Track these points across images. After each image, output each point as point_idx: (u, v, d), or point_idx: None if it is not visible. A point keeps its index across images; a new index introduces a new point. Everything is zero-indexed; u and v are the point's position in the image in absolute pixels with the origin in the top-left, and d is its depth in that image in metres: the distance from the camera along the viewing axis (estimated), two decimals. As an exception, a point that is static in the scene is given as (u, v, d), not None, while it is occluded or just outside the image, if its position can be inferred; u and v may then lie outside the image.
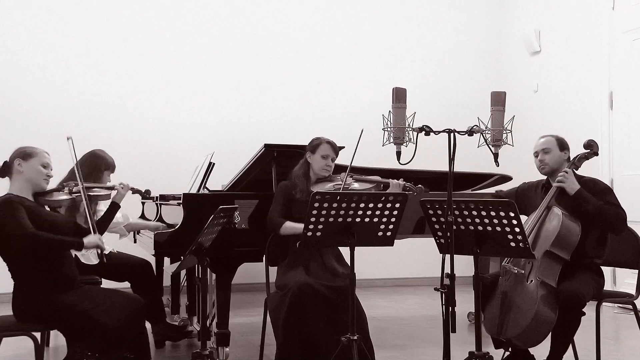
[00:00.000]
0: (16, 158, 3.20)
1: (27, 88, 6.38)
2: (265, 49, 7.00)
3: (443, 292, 2.91)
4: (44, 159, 3.25)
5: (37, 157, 3.22)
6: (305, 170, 3.85)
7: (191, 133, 6.75)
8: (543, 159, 3.59)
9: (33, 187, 3.23)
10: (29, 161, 3.20)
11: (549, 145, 3.59)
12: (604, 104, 6.16)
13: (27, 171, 3.19)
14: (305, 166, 3.86)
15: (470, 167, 4.93)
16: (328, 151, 3.82)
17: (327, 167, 3.84)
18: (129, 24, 6.68)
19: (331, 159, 3.84)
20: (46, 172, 3.25)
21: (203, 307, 3.26)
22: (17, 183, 3.21)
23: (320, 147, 3.83)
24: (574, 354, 3.58)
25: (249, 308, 5.79)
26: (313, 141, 3.88)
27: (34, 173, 3.21)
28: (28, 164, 3.20)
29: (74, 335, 3.15)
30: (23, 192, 3.19)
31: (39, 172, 3.22)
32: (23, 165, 3.19)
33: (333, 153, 3.84)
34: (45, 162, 3.25)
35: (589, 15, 6.36)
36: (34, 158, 3.21)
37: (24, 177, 3.20)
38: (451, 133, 2.88)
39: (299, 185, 3.78)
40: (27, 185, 3.21)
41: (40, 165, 3.22)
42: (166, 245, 3.83)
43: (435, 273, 3.04)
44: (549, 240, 3.34)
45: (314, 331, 3.36)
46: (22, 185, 3.20)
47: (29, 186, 3.21)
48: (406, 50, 7.41)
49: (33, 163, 3.21)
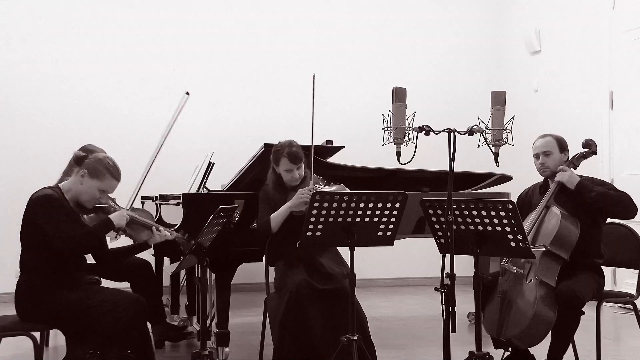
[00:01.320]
0: (86, 168, 3.13)
1: (30, 89, 6.37)
2: (266, 48, 7.00)
3: (443, 292, 2.91)
4: (107, 186, 3.17)
5: (102, 181, 3.15)
6: (275, 178, 3.73)
7: (191, 133, 6.73)
8: (544, 162, 3.56)
9: (80, 201, 3.19)
10: (92, 180, 3.14)
11: (549, 147, 3.56)
12: (604, 103, 6.16)
13: (84, 187, 3.14)
14: (276, 174, 3.74)
15: (471, 167, 4.93)
16: (288, 166, 3.65)
17: (293, 179, 3.68)
18: (129, 25, 6.67)
19: (296, 169, 3.66)
20: (100, 197, 3.18)
21: (203, 307, 3.26)
22: (71, 185, 3.18)
23: (281, 162, 3.66)
24: (574, 354, 3.58)
25: (248, 308, 5.79)
26: (274, 152, 3.71)
27: (88, 194, 3.15)
28: (90, 181, 3.14)
29: (76, 334, 3.15)
30: (69, 195, 3.17)
31: (93, 195, 3.16)
32: (85, 179, 3.14)
33: (295, 164, 3.65)
34: (105, 189, 3.17)
35: (590, 15, 6.35)
36: (98, 181, 3.14)
37: (78, 188, 3.16)
38: (451, 133, 2.88)
39: (274, 199, 3.68)
40: (76, 195, 3.17)
41: (97, 190, 3.15)
42: (166, 245, 3.82)
43: (435, 273, 3.04)
44: (547, 239, 3.33)
45: (312, 331, 3.36)
46: (72, 190, 3.17)
47: (77, 197, 3.18)
48: (406, 49, 7.40)
49: (93, 184, 3.14)
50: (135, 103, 6.67)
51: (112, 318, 3.01)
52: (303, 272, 3.51)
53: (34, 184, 3.31)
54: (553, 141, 3.58)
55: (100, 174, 3.15)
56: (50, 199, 3.05)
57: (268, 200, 3.72)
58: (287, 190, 3.73)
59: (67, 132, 6.20)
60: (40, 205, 3.04)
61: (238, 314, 5.44)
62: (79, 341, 3.24)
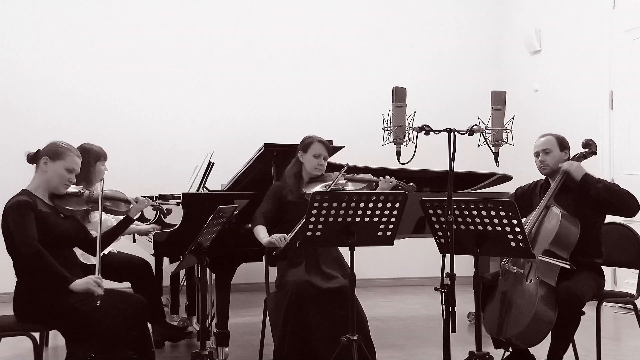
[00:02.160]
0: (45, 155, 3.13)
1: (29, 87, 6.37)
2: (265, 48, 6.99)
3: (443, 292, 2.91)
4: (72, 163, 3.16)
5: (65, 160, 3.14)
6: (297, 169, 3.79)
7: (190, 132, 6.74)
8: (544, 160, 3.57)
9: (50, 190, 3.18)
10: (56, 162, 3.12)
11: (549, 145, 3.57)
12: (604, 103, 6.15)
13: (50, 172, 3.13)
14: (298, 165, 3.80)
15: (471, 167, 4.92)
16: (320, 150, 3.75)
17: (319, 166, 3.76)
18: (129, 25, 6.66)
19: (323, 157, 3.76)
20: (68, 177, 3.16)
21: (202, 307, 3.25)
22: (37, 180, 3.16)
23: (312, 146, 3.75)
24: (574, 354, 3.57)
25: (248, 308, 5.79)
26: (305, 140, 3.81)
27: (56, 177, 3.13)
28: (54, 165, 3.12)
29: (76, 335, 3.14)
30: (40, 192, 3.15)
31: (62, 176, 3.14)
32: (49, 164, 3.12)
33: (325, 152, 3.76)
34: (71, 167, 3.16)
35: (590, 15, 6.35)
36: (62, 160, 3.13)
37: (45, 177, 3.14)
38: (451, 132, 2.88)
39: (290, 185, 3.73)
40: (45, 186, 3.16)
41: (64, 170, 3.14)
42: (165, 245, 3.83)
43: (435, 273, 3.03)
44: (547, 239, 3.33)
45: (312, 331, 3.36)
46: (40, 184, 3.15)
47: (47, 187, 3.16)
48: (406, 49, 7.40)
49: (58, 165, 3.13)
50: (136, 103, 6.66)
51: (112, 319, 3.01)
52: (303, 272, 3.51)
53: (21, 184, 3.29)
54: (553, 139, 3.58)
55: (60, 153, 3.14)
56: (19, 204, 3.02)
57: (276, 196, 3.73)
58: (303, 183, 3.75)
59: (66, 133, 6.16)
60: (11, 212, 3.02)
61: (238, 314, 5.44)
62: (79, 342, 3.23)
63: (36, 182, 3.17)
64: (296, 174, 3.78)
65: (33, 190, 3.15)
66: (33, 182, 3.18)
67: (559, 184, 3.48)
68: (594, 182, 3.39)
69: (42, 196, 3.15)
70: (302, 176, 3.79)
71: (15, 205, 3.02)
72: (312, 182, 3.77)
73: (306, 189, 3.67)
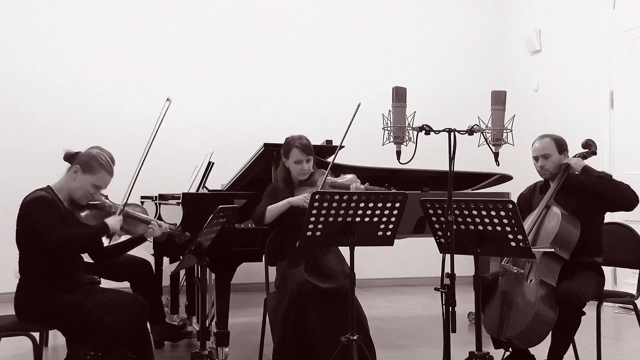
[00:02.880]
0: (78, 164, 3.12)
1: (27, 88, 6.36)
2: (265, 48, 6.99)
3: (443, 292, 2.91)
4: (100, 181, 3.15)
5: (96, 176, 3.13)
6: (285, 174, 3.75)
7: (190, 132, 6.73)
8: (544, 165, 3.55)
9: (73, 198, 3.17)
10: (86, 176, 3.12)
11: (548, 150, 3.55)
12: (604, 103, 6.15)
13: (77, 182, 3.12)
14: (285, 170, 3.76)
15: (471, 167, 4.92)
16: (300, 156, 3.67)
17: (303, 171, 3.70)
18: (128, 25, 6.66)
19: (306, 160, 3.69)
20: (93, 192, 3.16)
21: (202, 307, 3.24)
22: (63, 183, 3.16)
23: (292, 153, 3.68)
24: (574, 354, 3.57)
25: (248, 308, 5.79)
26: (284, 145, 3.74)
27: (81, 189, 3.13)
28: (83, 177, 3.12)
29: (76, 335, 3.14)
30: (62, 194, 3.15)
31: (86, 190, 3.14)
32: (78, 174, 3.11)
33: (306, 156, 3.68)
34: (99, 184, 3.15)
35: (590, 14, 6.34)
36: (92, 176, 3.12)
37: (71, 185, 3.13)
38: (451, 132, 2.87)
39: (282, 192, 3.70)
40: (69, 192, 3.15)
41: (91, 185, 3.13)
42: (165, 245, 3.82)
43: (435, 273, 3.03)
44: (548, 239, 3.33)
45: (312, 331, 3.36)
46: (65, 188, 3.15)
47: (71, 194, 3.16)
48: (406, 49, 7.39)
49: (87, 179, 3.12)
50: (136, 103, 6.65)
51: (111, 319, 3.01)
52: (303, 272, 3.51)
53: (32, 184, 3.29)
54: (551, 142, 3.56)
55: (93, 168, 3.13)
56: (42, 200, 3.03)
57: (275, 194, 3.72)
58: (294, 186, 3.73)
59: (66, 132, 6.19)
60: (33, 206, 3.02)
61: (238, 313, 5.44)
62: (80, 342, 3.23)
63: (62, 184, 3.17)
64: (285, 179, 3.75)
65: (57, 190, 3.15)
66: (60, 182, 3.18)
67: (559, 184, 3.48)
68: (593, 173, 3.39)
69: (62, 199, 3.15)
70: (292, 180, 3.75)
71: (38, 199, 3.02)
72: (302, 185, 3.73)
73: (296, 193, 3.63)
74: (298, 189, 3.72)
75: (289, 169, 3.75)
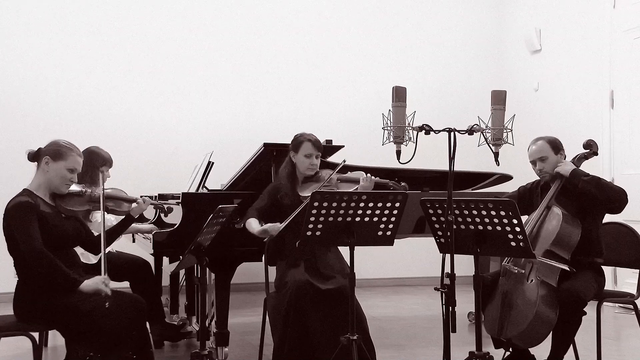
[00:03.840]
0: (46, 155, 3.11)
1: (30, 88, 6.36)
2: (265, 48, 6.98)
3: (443, 291, 2.91)
4: (73, 163, 3.14)
5: (66, 160, 3.12)
6: (290, 170, 3.74)
7: (190, 132, 6.74)
8: (542, 168, 3.54)
9: (52, 190, 3.16)
10: (57, 162, 3.11)
11: (544, 152, 3.53)
12: (604, 102, 6.15)
13: (51, 172, 3.11)
14: (290, 166, 3.75)
15: (471, 167, 4.91)
16: (311, 150, 3.68)
17: (311, 165, 3.70)
18: (129, 25, 6.66)
19: (315, 156, 3.70)
20: (70, 177, 3.15)
21: (202, 307, 3.24)
22: (38, 180, 3.15)
23: (303, 146, 3.69)
24: (574, 354, 3.57)
25: (248, 308, 5.78)
26: (295, 139, 3.75)
27: (57, 177, 3.12)
28: (55, 165, 3.11)
29: (76, 335, 3.14)
30: (41, 191, 3.14)
31: (63, 177, 3.13)
32: (50, 165, 3.11)
33: (316, 151, 3.69)
34: (73, 167, 3.14)
35: (590, 14, 6.34)
36: (63, 161, 3.12)
37: (46, 177, 3.13)
38: (451, 132, 2.87)
39: (285, 188, 3.70)
40: (47, 186, 3.15)
41: (66, 170, 3.13)
42: (165, 244, 3.82)
43: (436, 273, 3.03)
44: (549, 239, 3.32)
45: (312, 331, 3.35)
46: (41, 184, 3.14)
47: (49, 187, 3.15)
48: (406, 48, 7.39)
49: (60, 166, 3.11)
50: (136, 103, 6.65)
51: (111, 319, 3.00)
52: (303, 272, 3.50)
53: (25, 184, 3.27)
54: (546, 145, 3.54)
55: (62, 154, 3.12)
56: (20, 206, 3.01)
57: (275, 194, 3.71)
58: (297, 182, 3.73)
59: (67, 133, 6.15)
60: (12, 214, 3.01)
61: (238, 313, 5.44)
62: (79, 342, 3.22)
63: (37, 181, 3.15)
64: (289, 174, 3.74)
65: (34, 189, 3.13)
66: (34, 181, 3.16)
67: (559, 184, 3.47)
68: (581, 176, 3.38)
69: (43, 196, 3.14)
70: (296, 176, 3.75)
71: (17, 206, 3.01)
72: (306, 182, 3.73)
73: (302, 192, 3.63)
74: (302, 185, 3.71)
75: (295, 165, 3.74)
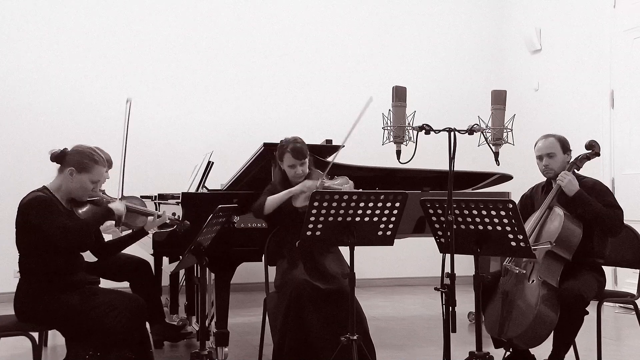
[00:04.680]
0: (71, 166, 3.08)
1: (28, 87, 6.36)
2: (265, 47, 6.98)
3: (443, 291, 2.90)
4: (98, 175, 3.13)
5: (92, 173, 3.10)
6: (282, 177, 3.70)
7: (190, 132, 6.73)
8: (548, 164, 3.53)
9: (72, 196, 3.15)
10: (82, 175, 3.09)
11: (553, 149, 3.53)
12: (605, 102, 6.14)
13: (75, 183, 3.09)
14: (281, 172, 3.71)
15: (471, 166, 4.91)
16: (292, 161, 3.61)
17: (297, 174, 3.64)
18: (129, 25, 6.66)
19: (299, 165, 3.62)
20: (92, 187, 3.14)
21: (202, 307, 3.24)
22: (59, 183, 3.13)
23: (284, 158, 3.64)
24: (575, 354, 3.56)
25: (248, 308, 5.78)
26: (278, 148, 3.69)
27: (80, 189, 3.11)
28: (80, 177, 3.09)
29: (75, 335, 3.14)
30: (59, 194, 3.12)
31: (85, 188, 3.12)
32: (74, 176, 3.08)
33: (299, 160, 3.61)
34: (97, 179, 3.13)
35: (590, 14, 6.34)
36: (88, 174, 3.10)
37: (68, 186, 3.11)
38: (451, 132, 2.86)
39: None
40: (67, 191, 3.13)
41: (90, 182, 3.11)
42: (165, 244, 3.82)
43: (436, 273, 3.02)
44: (550, 240, 3.31)
45: (312, 331, 3.35)
46: (62, 188, 3.12)
47: (68, 193, 3.13)
48: (406, 48, 7.39)
49: (84, 178, 3.09)
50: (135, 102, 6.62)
51: (110, 319, 3.00)
52: (303, 272, 3.50)
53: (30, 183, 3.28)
54: (556, 142, 3.55)
55: (87, 166, 3.11)
56: (40, 199, 3.01)
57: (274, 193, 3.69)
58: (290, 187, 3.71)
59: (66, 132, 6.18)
60: (32, 207, 3.00)
61: (237, 313, 5.43)
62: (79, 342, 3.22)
63: (58, 184, 3.14)
64: (282, 181, 3.70)
65: (54, 190, 3.12)
66: (55, 182, 3.14)
67: (557, 193, 3.46)
68: (582, 205, 3.37)
69: (60, 198, 3.13)
70: (289, 182, 3.70)
71: (38, 200, 3.00)
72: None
73: (295, 202, 3.60)
74: None
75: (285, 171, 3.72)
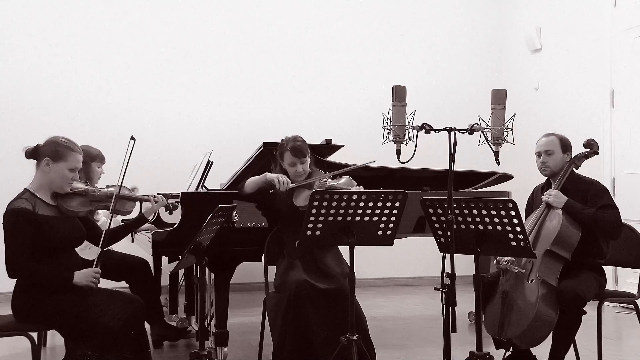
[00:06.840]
0: (46, 157, 3.06)
1: (27, 86, 6.35)
2: (264, 47, 6.97)
3: (443, 291, 2.90)
4: (74, 162, 3.11)
5: (67, 160, 3.08)
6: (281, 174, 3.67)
7: (189, 131, 6.72)
8: (545, 161, 3.54)
9: (54, 189, 3.12)
10: (58, 163, 3.07)
11: (552, 146, 3.53)
12: (605, 102, 6.13)
13: (52, 174, 3.07)
14: (282, 171, 3.69)
15: (471, 166, 4.90)
16: (292, 160, 3.61)
17: (297, 174, 3.63)
18: (129, 25, 6.65)
19: (300, 163, 3.62)
20: (72, 176, 3.11)
21: (201, 307, 3.23)
22: (39, 180, 3.10)
23: (285, 157, 3.64)
24: (575, 354, 3.56)
25: (247, 308, 5.77)
26: (279, 147, 3.69)
27: (59, 178, 3.08)
28: (56, 166, 3.07)
29: (74, 335, 3.13)
30: (42, 192, 3.10)
31: (65, 177, 3.09)
32: (51, 166, 3.06)
33: (299, 158, 3.61)
34: (74, 166, 3.11)
35: (591, 13, 6.33)
36: (64, 162, 3.08)
37: (47, 178, 3.08)
38: (451, 131, 2.86)
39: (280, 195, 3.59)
40: (48, 186, 3.11)
41: (67, 170, 3.09)
42: (164, 244, 3.81)
43: (436, 272, 3.02)
44: (549, 239, 3.32)
45: (312, 331, 3.34)
46: (42, 184, 3.10)
47: (50, 187, 3.11)
48: (406, 47, 7.38)
49: (61, 167, 3.07)
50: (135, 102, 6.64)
51: (109, 319, 2.99)
52: (303, 272, 3.49)
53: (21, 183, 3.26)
54: (556, 140, 3.55)
55: (63, 154, 3.09)
56: (17, 215, 2.96)
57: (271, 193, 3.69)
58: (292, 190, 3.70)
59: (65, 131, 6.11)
60: (7, 220, 2.99)
61: (237, 313, 5.43)
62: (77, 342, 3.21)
63: (38, 181, 3.11)
64: None
65: (35, 190, 3.10)
66: (35, 181, 3.12)
67: (560, 183, 3.46)
68: (578, 210, 3.37)
69: (44, 196, 3.10)
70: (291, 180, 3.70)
71: (15, 213, 2.97)
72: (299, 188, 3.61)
73: (296, 200, 3.59)
74: (296, 189, 3.68)
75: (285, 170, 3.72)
